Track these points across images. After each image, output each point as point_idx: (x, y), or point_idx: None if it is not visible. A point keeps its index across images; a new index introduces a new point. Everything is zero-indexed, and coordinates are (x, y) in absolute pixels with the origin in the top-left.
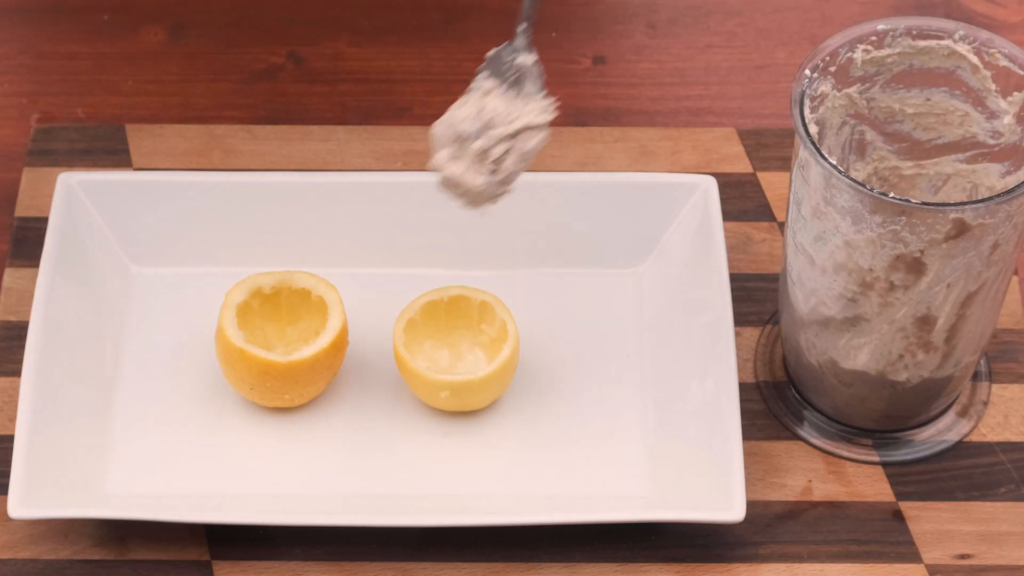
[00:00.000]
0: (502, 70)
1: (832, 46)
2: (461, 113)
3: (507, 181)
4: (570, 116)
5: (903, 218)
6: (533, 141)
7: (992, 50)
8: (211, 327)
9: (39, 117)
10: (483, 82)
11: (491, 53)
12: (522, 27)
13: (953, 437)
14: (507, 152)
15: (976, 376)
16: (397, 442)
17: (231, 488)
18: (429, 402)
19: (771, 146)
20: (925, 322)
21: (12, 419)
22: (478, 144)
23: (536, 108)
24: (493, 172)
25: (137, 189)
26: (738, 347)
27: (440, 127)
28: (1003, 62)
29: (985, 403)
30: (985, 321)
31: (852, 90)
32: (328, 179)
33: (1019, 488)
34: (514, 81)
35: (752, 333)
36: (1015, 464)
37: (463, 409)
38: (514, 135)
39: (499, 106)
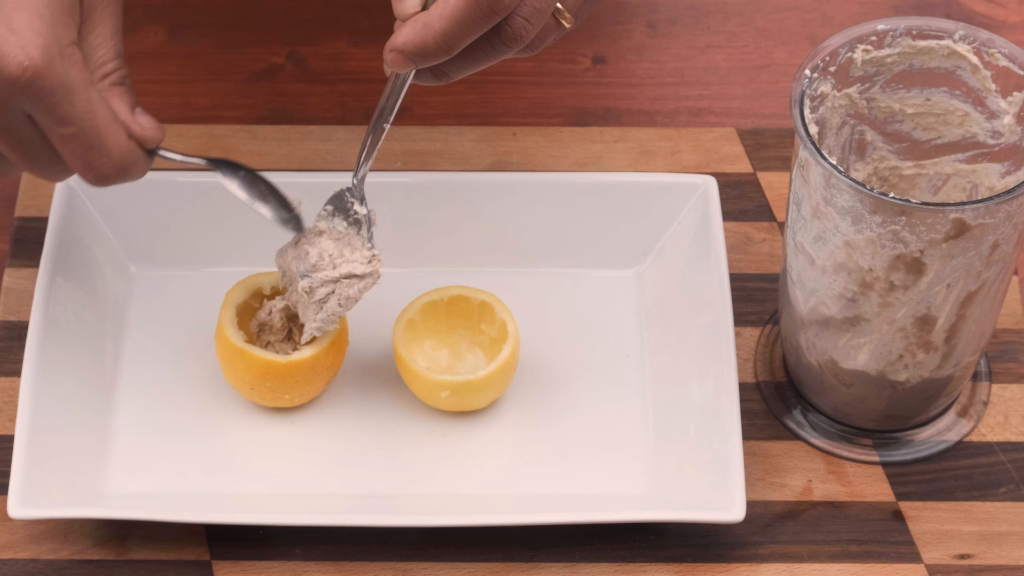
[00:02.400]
0: (345, 208)
1: (832, 46)
2: (291, 252)
3: (330, 320)
4: (570, 116)
5: (903, 218)
6: (355, 288)
7: (992, 50)
8: (211, 327)
9: None
10: (319, 223)
11: (335, 193)
12: (359, 177)
13: (953, 437)
14: (331, 294)
15: (976, 376)
16: (397, 442)
17: (231, 488)
18: (429, 402)
19: (771, 146)
20: (925, 322)
21: (12, 419)
22: (304, 283)
23: (361, 258)
24: (318, 311)
25: (137, 189)
26: (738, 347)
27: (278, 259)
28: (1003, 62)
29: (985, 403)
30: (985, 321)
31: (852, 90)
32: (328, 179)
33: (1019, 488)
34: (353, 222)
35: (752, 333)
36: (1015, 464)
37: (463, 409)
38: (336, 280)
39: (329, 248)
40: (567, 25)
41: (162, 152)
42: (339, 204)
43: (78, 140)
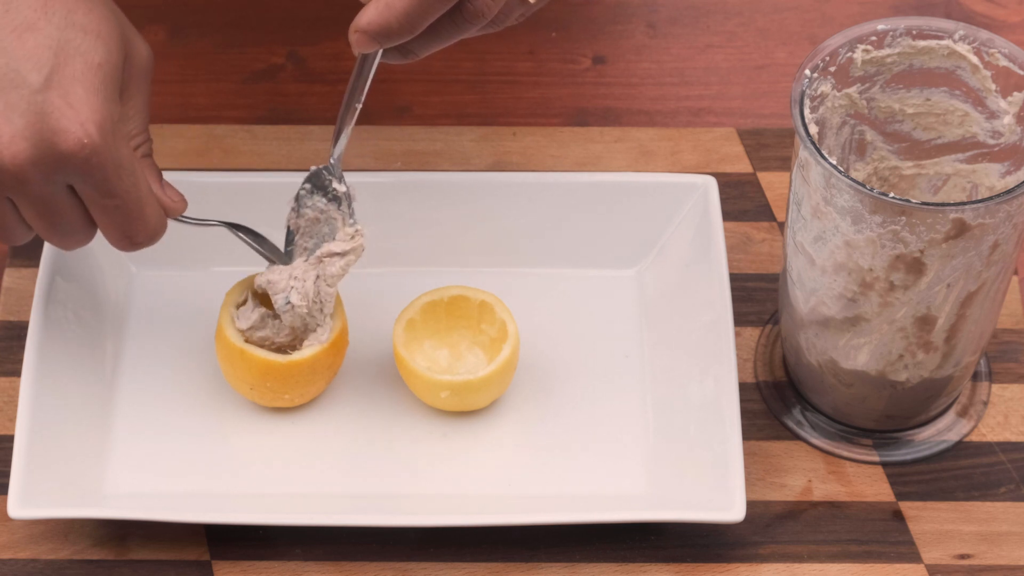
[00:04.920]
0: (323, 186)
1: (832, 46)
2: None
3: (323, 302)
4: (570, 116)
5: (903, 218)
6: (336, 265)
7: (992, 50)
8: (211, 327)
9: None
10: (307, 199)
11: (313, 169)
12: (335, 156)
13: (953, 437)
14: (317, 278)
15: (976, 376)
16: (397, 442)
17: (231, 488)
18: (429, 402)
19: (771, 146)
20: (925, 322)
21: (12, 419)
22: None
23: (343, 235)
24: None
25: None
26: (738, 347)
27: (259, 280)
28: (1003, 62)
29: (985, 403)
30: (985, 321)
31: (852, 90)
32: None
33: (1019, 488)
34: (332, 199)
35: (752, 333)
36: (1015, 464)
37: (463, 409)
38: (319, 260)
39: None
40: (531, 0)
41: (179, 218)
42: (317, 183)
43: (120, 211)
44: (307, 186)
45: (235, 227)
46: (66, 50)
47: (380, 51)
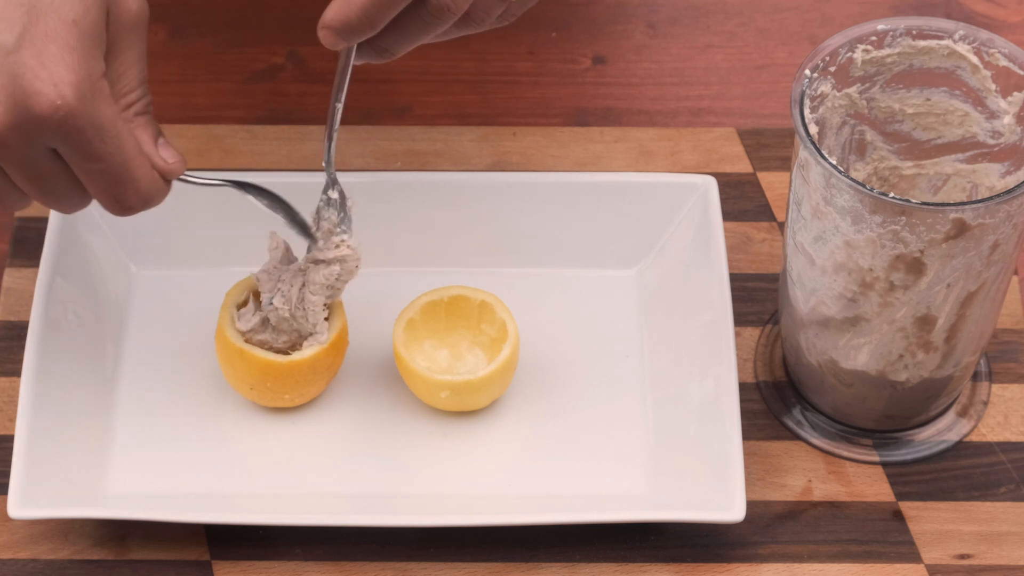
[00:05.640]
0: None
1: (832, 46)
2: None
3: (307, 315)
4: (570, 116)
5: (903, 218)
6: (319, 274)
7: (992, 50)
8: (211, 327)
9: None
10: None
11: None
12: (326, 160)
13: (953, 437)
14: (303, 285)
15: (976, 376)
16: (397, 442)
17: (231, 488)
18: (429, 402)
19: (771, 146)
20: (925, 322)
21: (12, 419)
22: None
23: (330, 244)
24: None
25: None
26: (738, 347)
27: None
28: (1003, 62)
29: (985, 403)
30: (985, 321)
31: (852, 90)
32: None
33: (1019, 488)
34: (327, 203)
35: (752, 333)
36: (1015, 464)
37: (463, 409)
38: (304, 269)
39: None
40: None
41: (183, 177)
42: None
43: (106, 175)
44: (324, 197)
45: (244, 186)
46: (38, 7)
47: (353, 50)
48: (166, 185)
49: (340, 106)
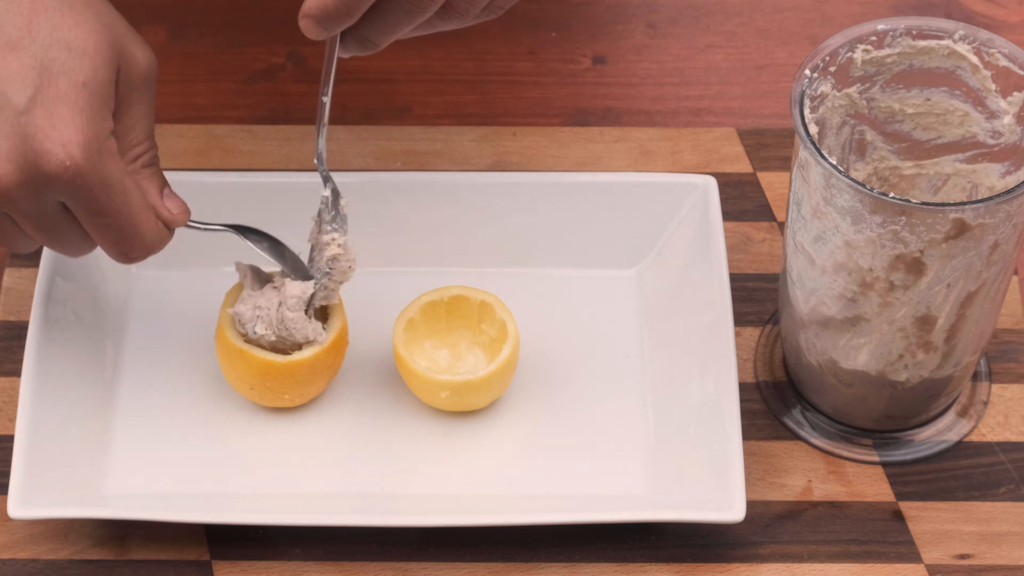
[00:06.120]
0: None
1: (832, 46)
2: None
3: (291, 333)
4: (570, 116)
5: (903, 218)
6: (296, 287)
7: (992, 50)
8: (211, 327)
9: None
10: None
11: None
12: (316, 157)
13: (953, 437)
14: (280, 304)
15: (976, 376)
16: (397, 442)
17: (231, 488)
18: (429, 402)
19: (771, 146)
20: (925, 322)
21: (12, 419)
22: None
23: (322, 244)
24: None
25: None
26: (738, 347)
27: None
28: (1003, 62)
29: (985, 403)
30: (985, 321)
31: (852, 90)
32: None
33: (1019, 488)
34: (324, 202)
35: (752, 333)
36: (1015, 464)
37: (463, 409)
38: (278, 287)
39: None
40: None
41: (188, 224)
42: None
43: (112, 228)
44: (323, 197)
45: (243, 230)
46: (50, 69)
47: (337, 41)
48: (170, 234)
49: (327, 100)
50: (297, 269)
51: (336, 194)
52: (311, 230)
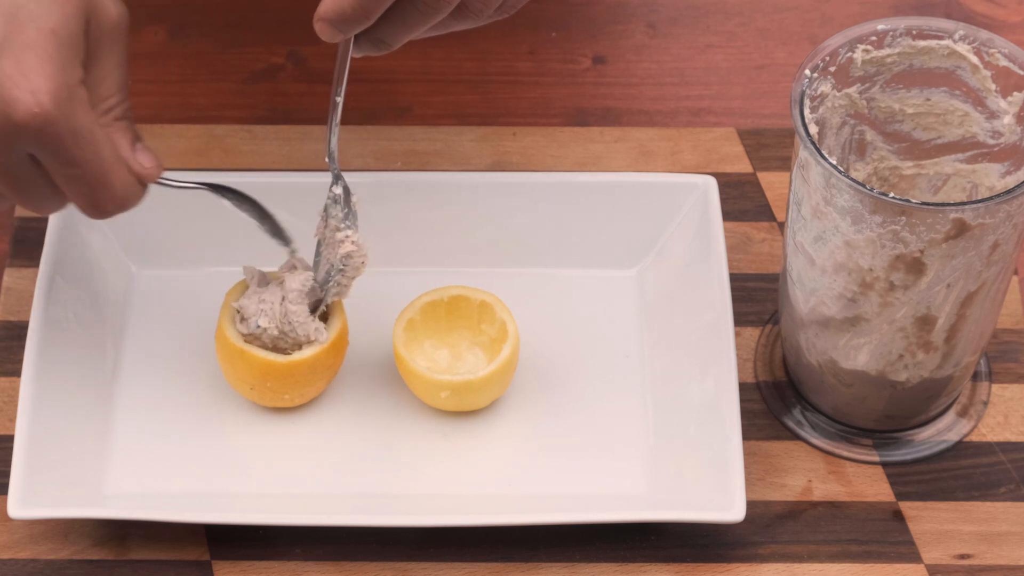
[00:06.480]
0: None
1: (832, 46)
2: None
3: (294, 327)
4: (570, 116)
5: (903, 218)
6: (296, 280)
7: (992, 50)
8: (211, 327)
9: None
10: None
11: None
12: (327, 155)
13: (953, 437)
14: (283, 299)
15: (976, 376)
16: (397, 442)
17: (231, 488)
18: (429, 402)
19: (771, 146)
20: (925, 322)
21: (12, 419)
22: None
23: (334, 241)
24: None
25: None
26: (738, 347)
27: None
28: (1003, 62)
29: (985, 403)
30: (985, 321)
31: (852, 90)
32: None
33: (1019, 488)
34: (333, 200)
35: (752, 333)
36: (1015, 464)
37: (463, 409)
38: (282, 281)
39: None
40: None
41: (160, 180)
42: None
43: (83, 179)
44: (331, 193)
45: (218, 189)
46: (18, 17)
47: (351, 42)
48: (142, 189)
49: (340, 100)
50: (271, 226)
51: (347, 191)
52: (317, 225)
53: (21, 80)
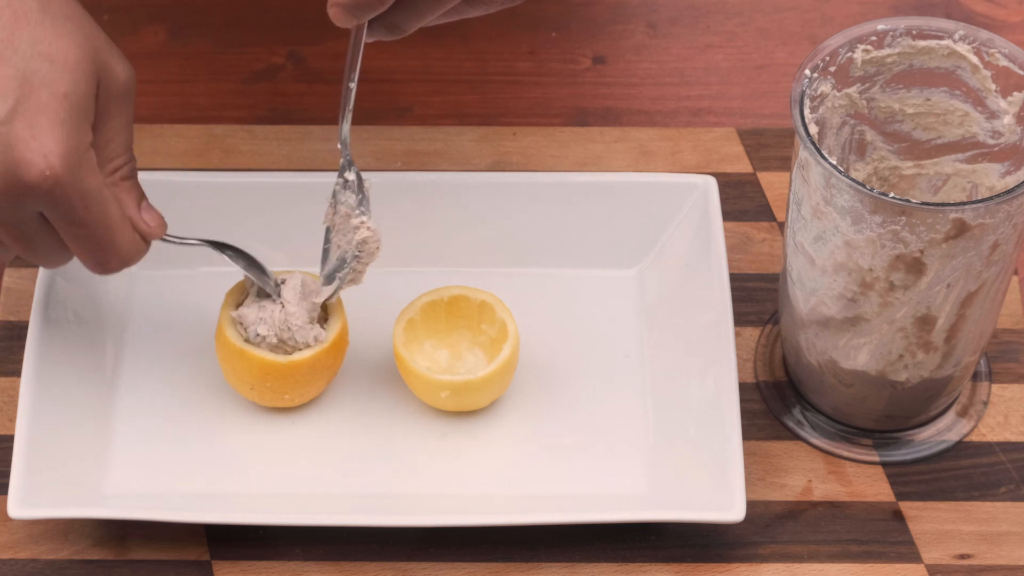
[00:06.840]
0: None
1: (832, 46)
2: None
3: (292, 333)
4: (570, 116)
5: (903, 218)
6: (289, 286)
7: (992, 50)
8: (211, 327)
9: None
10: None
11: (343, 162)
12: (340, 140)
13: (953, 437)
14: (282, 307)
15: (976, 376)
16: (397, 442)
17: (231, 488)
18: (429, 402)
19: (771, 146)
20: (925, 322)
21: (12, 419)
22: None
23: (349, 227)
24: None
25: None
26: (738, 347)
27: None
28: (1003, 62)
29: (985, 403)
30: (985, 321)
31: (852, 90)
32: (328, 179)
33: (1019, 488)
34: (344, 186)
35: (752, 333)
36: (1015, 464)
37: (463, 409)
38: (280, 284)
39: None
40: None
41: (164, 238)
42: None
43: (90, 239)
44: (340, 180)
45: (219, 246)
46: (32, 81)
47: (364, 27)
48: (146, 246)
49: (354, 86)
50: (273, 289)
51: (360, 178)
52: (326, 212)
53: (33, 143)
